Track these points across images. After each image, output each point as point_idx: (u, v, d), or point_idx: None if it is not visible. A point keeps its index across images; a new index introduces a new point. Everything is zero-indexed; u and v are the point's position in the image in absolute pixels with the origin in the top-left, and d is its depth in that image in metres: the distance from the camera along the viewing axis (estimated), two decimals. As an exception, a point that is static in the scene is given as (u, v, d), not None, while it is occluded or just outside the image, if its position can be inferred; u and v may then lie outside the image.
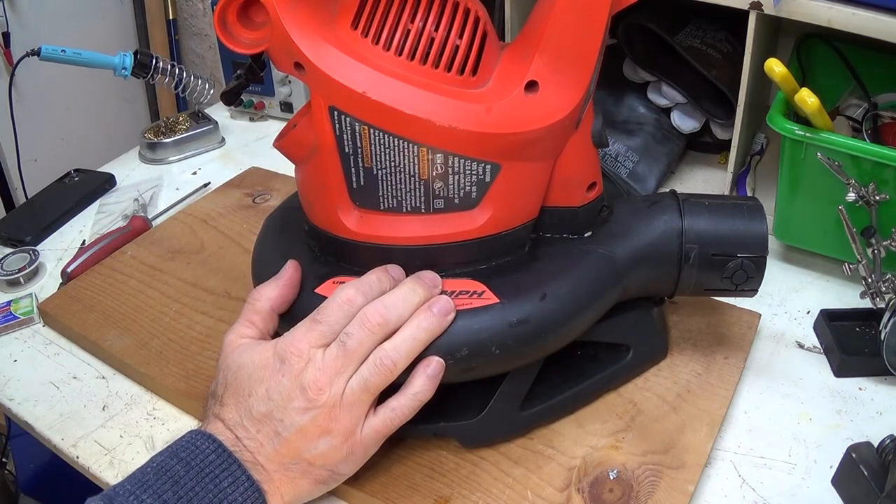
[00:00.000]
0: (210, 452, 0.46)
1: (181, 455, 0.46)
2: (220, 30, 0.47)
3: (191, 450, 0.46)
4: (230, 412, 0.48)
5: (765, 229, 0.55)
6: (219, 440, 0.47)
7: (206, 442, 0.47)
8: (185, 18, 1.56)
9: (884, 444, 0.52)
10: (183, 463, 0.45)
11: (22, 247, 0.81)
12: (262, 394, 0.48)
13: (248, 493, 0.46)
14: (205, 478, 0.45)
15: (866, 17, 0.64)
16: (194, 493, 0.44)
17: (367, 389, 0.48)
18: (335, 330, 0.48)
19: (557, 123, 0.50)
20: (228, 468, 0.46)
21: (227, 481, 0.45)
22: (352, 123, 0.48)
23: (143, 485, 0.44)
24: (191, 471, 0.45)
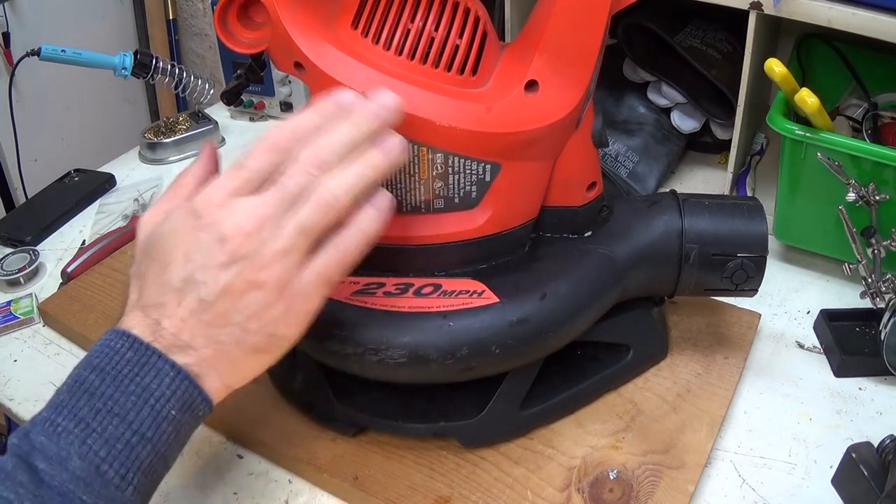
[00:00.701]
0: (126, 350, 0.40)
1: (94, 363, 0.41)
2: (220, 30, 0.47)
3: (104, 353, 0.41)
4: (149, 292, 0.42)
5: (765, 229, 0.55)
6: (132, 334, 0.41)
7: (119, 340, 0.41)
8: (185, 18, 1.56)
9: (884, 444, 0.52)
10: (97, 371, 0.40)
11: (22, 247, 0.81)
12: (179, 259, 0.41)
13: (175, 382, 0.40)
14: (123, 380, 0.40)
15: (866, 17, 0.64)
16: (114, 402, 0.39)
17: (302, 231, 0.41)
18: (262, 177, 0.42)
19: (557, 123, 0.50)
20: (148, 361, 0.40)
21: (150, 377, 0.40)
22: (352, 123, 0.48)
23: (58, 407, 0.39)
24: (106, 377, 0.40)
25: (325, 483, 0.54)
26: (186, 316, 0.41)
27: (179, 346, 0.41)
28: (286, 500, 0.54)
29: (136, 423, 0.39)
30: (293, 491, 0.55)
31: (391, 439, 0.55)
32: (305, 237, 0.42)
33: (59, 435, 0.38)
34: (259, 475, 0.56)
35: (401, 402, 0.55)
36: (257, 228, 0.41)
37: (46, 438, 0.38)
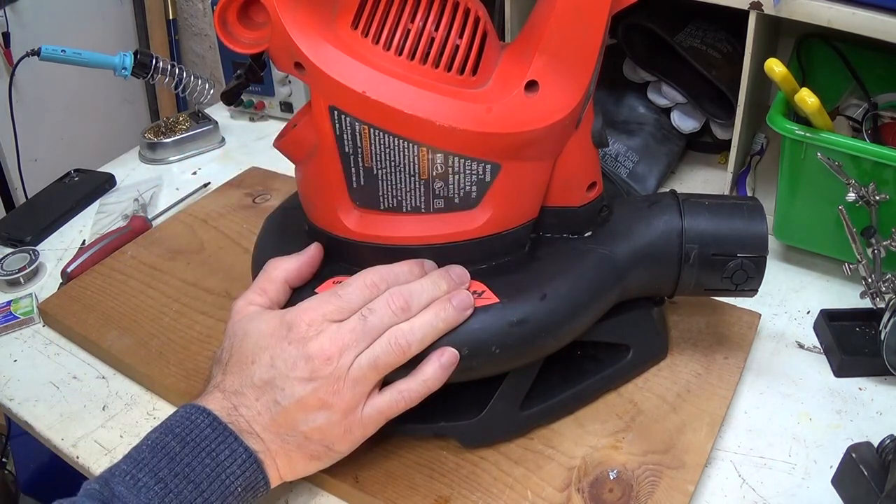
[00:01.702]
0: (205, 426, 0.45)
1: (176, 430, 0.45)
2: (220, 30, 0.47)
3: (185, 424, 0.45)
4: (232, 380, 0.47)
5: (765, 229, 0.55)
6: (213, 413, 0.46)
7: (200, 416, 0.46)
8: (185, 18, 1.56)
9: (884, 444, 0.52)
10: (178, 439, 0.44)
11: (22, 247, 0.81)
12: (265, 361, 0.47)
13: (246, 464, 0.45)
14: (201, 451, 0.44)
15: (866, 17, 0.64)
16: (191, 469, 0.44)
17: (375, 367, 0.47)
18: (352, 308, 0.47)
19: (557, 123, 0.50)
20: (225, 440, 0.45)
21: (225, 454, 0.45)
22: (352, 123, 0.48)
23: (139, 463, 0.44)
24: (186, 446, 0.44)
25: (325, 483, 0.54)
26: (262, 411, 0.46)
27: (250, 434, 0.46)
28: (286, 500, 0.54)
29: (208, 492, 0.44)
30: (293, 491, 0.54)
31: (391, 439, 0.55)
32: (376, 372, 0.47)
33: (140, 490, 0.42)
34: (259, 475, 0.56)
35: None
36: (338, 354, 0.46)
37: (127, 490, 0.42)
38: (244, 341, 0.48)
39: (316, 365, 0.46)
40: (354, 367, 0.46)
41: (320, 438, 0.47)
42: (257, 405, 0.46)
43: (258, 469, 0.46)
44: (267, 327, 0.48)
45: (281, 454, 0.47)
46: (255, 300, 0.51)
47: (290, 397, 0.46)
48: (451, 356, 0.48)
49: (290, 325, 0.47)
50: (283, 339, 0.47)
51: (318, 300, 0.48)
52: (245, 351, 0.48)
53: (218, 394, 0.47)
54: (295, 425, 0.46)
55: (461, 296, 0.49)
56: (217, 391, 0.47)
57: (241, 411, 0.46)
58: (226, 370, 0.48)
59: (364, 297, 0.48)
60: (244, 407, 0.46)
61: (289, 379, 0.46)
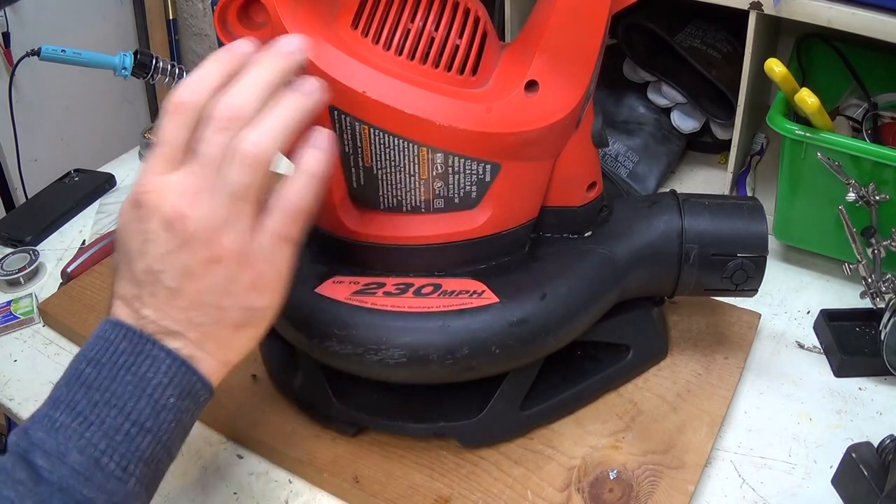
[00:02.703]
0: (120, 340, 0.40)
1: (89, 355, 0.40)
2: (220, 30, 0.47)
3: (99, 345, 0.40)
4: (124, 285, 0.41)
5: (765, 229, 0.55)
6: (125, 323, 0.40)
7: (112, 330, 0.40)
8: (185, 18, 1.56)
9: (884, 444, 0.52)
10: (93, 363, 0.40)
11: (22, 247, 0.81)
12: (136, 252, 0.40)
13: (172, 368, 0.40)
14: (119, 370, 0.39)
15: (866, 17, 0.64)
16: (111, 393, 0.39)
17: (236, 196, 0.39)
18: (178, 145, 0.40)
19: (557, 123, 0.50)
20: (143, 349, 0.40)
21: (146, 365, 0.39)
22: (352, 123, 0.48)
23: (56, 402, 0.39)
24: (102, 368, 0.39)
25: (325, 483, 0.54)
26: (161, 304, 0.40)
27: (166, 333, 0.40)
28: (286, 500, 0.54)
29: (135, 413, 0.39)
30: (293, 491, 0.55)
31: (391, 439, 0.55)
32: (244, 201, 0.40)
33: (58, 430, 0.38)
34: (259, 475, 0.56)
35: (401, 402, 0.55)
36: (193, 204, 0.39)
37: (45, 434, 0.38)
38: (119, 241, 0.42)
39: (178, 227, 0.39)
40: (218, 206, 0.39)
41: (232, 301, 0.41)
42: (153, 300, 0.40)
43: (188, 370, 0.40)
44: (124, 217, 0.41)
45: (207, 339, 0.41)
46: None
47: (176, 274, 0.40)
48: (324, 135, 0.42)
49: (136, 202, 0.40)
50: (139, 221, 0.40)
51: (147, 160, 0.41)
52: (122, 250, 0.42)
53: (120, 303, 0.41)
54: (199, 300, 0.40)
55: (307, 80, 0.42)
56: (119, 301, 0.41)
57: (144, 313, 0.40)
58: (119, 276, 0.42)
59: (184, 124, 0.40)
60: (145, 308, 0.40)
61: (164, 257, 0.40)
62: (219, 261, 0.40)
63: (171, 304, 0.40)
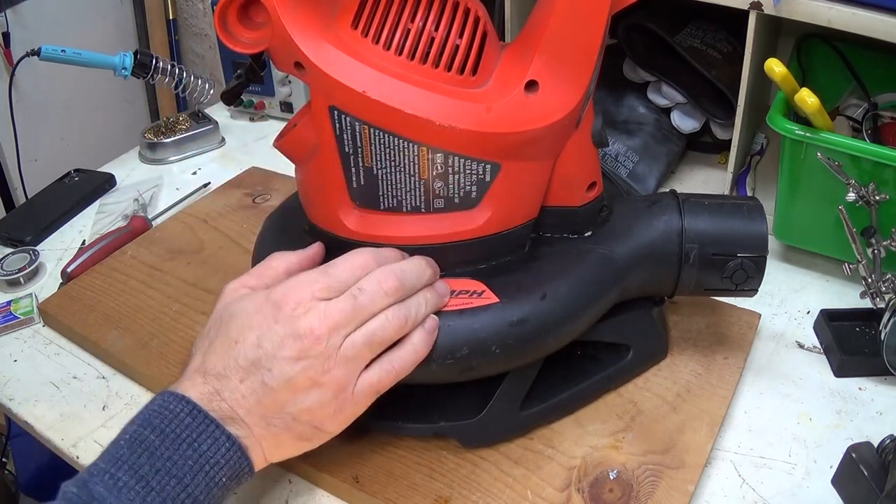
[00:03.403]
0: (185, 416, 0.43)
1: (154, 423, 0.43)
2: (220, 30, 0.47)
3: (164, 415, 0.43)
4: (214, 361, 0.45)
5: (765, 229, 0.55)
6: (192, 400, 0.43)
7: (178, 404, 0.43)
8: (185, 18, 1.56)
9: (884, 444, 0.52)
10: (157, 431, 0.42)
11: (22, 247, 0.81)
12: (251, 341, 0.45)
13: (230, 452, 0.43)
14: (182, 444, 0.42)
15: (866, 17, 0.64)
16: (172, 463, 0.42)
17: (370, 344, 0.46)
18: (341, 287, 0.46)
19: (557, 123, 0.50)
20: (206, 429, 0.43)
21: (207, 444, 0.43)
22: (352, 123, 0.48)
23: (118, 461, 0.41)
24: (166, 438, 0.42)
25: (325, 483, 0.54)
26: (247, 394, 0.44)
27: (233, 420, 0.44)
28: (286, 500, 0.54)
29: (192, 486, 0.42)
30: (293, 491, 0.55)
31: (391, 439, 0.55)
32: (371, 350, 0.46)
33: (120, 489, 0.40)
34: (259, 475, 0.56)
35: (401, 402, 0.55)
36: (328, 333, 0.44)
37: (107, 491, 0.40)
38: (230, 322, 0.46)
39: (305, 344, 0.44)
40: (347, 345, 0.45)
41: (310, 419, 0.45)
42: (242, 388, 0.44)
43: (242, 456, 0.44)
44: (253, 306, 0.46)
45: (267, 437, 0.45)
46: (249, 283, 0.49)
47: (279, 378, 0.44)
48: (433, 322, 0.48)
49: (277, 303, 0.45)
50: (269, 318, 0.45)
51: (306, 278, 0.46)
52: (230, 331, 0.45)
53: (198, 378, 0.45)
54: (283, 407, 0.45)
55: (441, 284, 0.50)
56: (197, 375, 0.45)
57: (223, 395, 0.44)
58: (208, 351, 0.46)
59: (351, 276, 0.46)
60: (227, 390, 0.44)
61: (276, 359, 0.44)
62: (321, 386, 0.45)
63: (257, 399, 0.44)
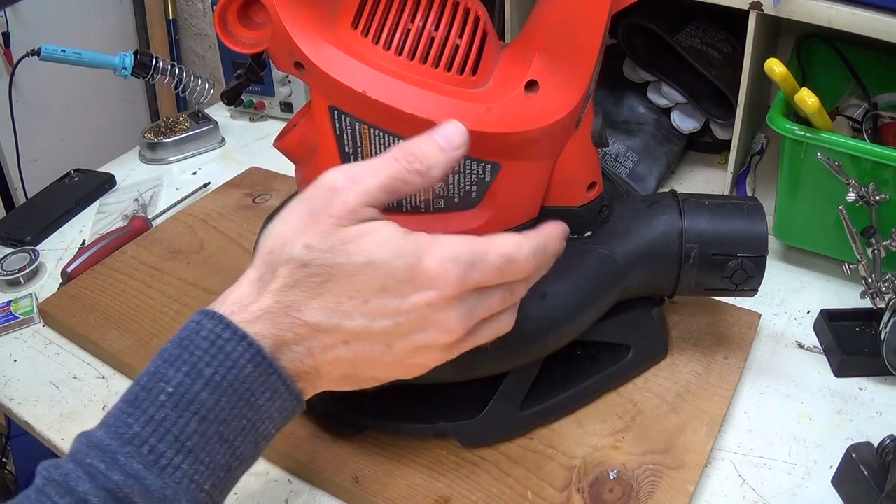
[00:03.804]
0: (245, 362, 0.35)
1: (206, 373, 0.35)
2: (220, 30, 0.47)
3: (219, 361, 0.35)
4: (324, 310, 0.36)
5: (765, 229, 0.55)
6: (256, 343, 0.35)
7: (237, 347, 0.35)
8: (185, 18, 1.56)
9: (884, 444, 0.52)
10: (210, 387, 0.34)
11: (22, 247, 0.81)
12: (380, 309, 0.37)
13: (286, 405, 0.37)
14: (239, 401, 0.35)
15: (866, 17, 0.64)
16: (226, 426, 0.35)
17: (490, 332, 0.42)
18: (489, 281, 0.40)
19: (557, 123, 0.50)
20: (268, 381, 0.36)
21: (264, 397, 0.36)
22: (352, 123, 0.48)
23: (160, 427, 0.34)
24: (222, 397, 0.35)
25: (325, 483, 0.54)
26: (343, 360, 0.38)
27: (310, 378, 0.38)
28: (286, 500, 0.54)
29: (242, 448, 0.36)
30: (293, 491, 0.55)
31: (391, 439, 0.55)
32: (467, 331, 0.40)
33: (164, 469, 0.33)
34: (259, 475, 0.56)
35: (401, 402, 0.55)
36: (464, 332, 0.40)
37: (146, 470, 0.33)
38: (364, 271, 0.36)
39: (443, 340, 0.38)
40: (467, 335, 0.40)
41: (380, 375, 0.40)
42: (342, 351, 0.37)
43: (298, 405, 0.38)
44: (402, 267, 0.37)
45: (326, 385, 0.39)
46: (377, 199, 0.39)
47: (397, 356, 0.38)
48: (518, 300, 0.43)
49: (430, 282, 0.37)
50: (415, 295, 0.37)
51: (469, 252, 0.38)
52: (359, 283, 0.36)
53: (280, 318, 0.36)
54: (375, 376, 0.39)
55: None
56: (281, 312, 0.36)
57: (314, 352, 0.37)
58: (311, 289, 0.36)
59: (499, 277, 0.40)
60: (321, 349, 0.37)
61: (404, 338, 0.38)
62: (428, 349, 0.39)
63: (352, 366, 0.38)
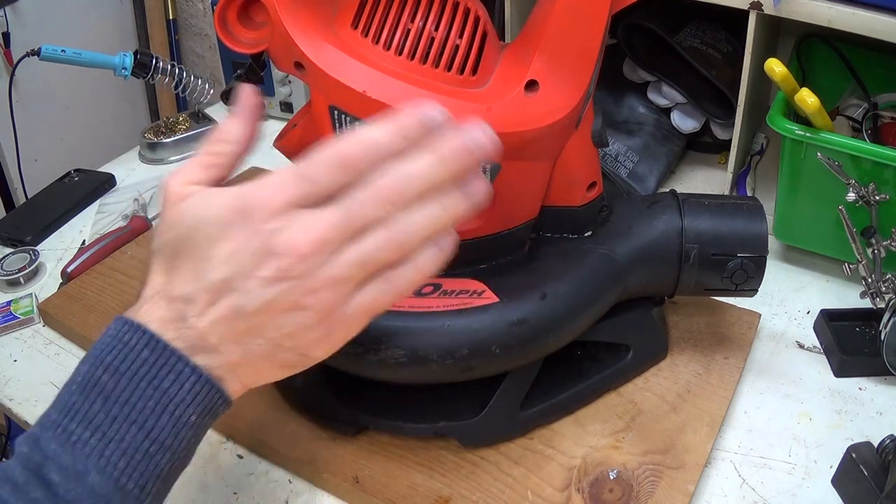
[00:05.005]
0: (142, 348, 0.37)
1: (106, 360, 0.37)
2: (220, 30, 0.47)
3: (118, 350, 0.38)
4: (180, 281, 0.38)
5: (765, 229, 0.55)
6: (148, 330, 0.38)
7: (133, 336, 0.38)
8: (185, 18, 1.56)
9: (884, 444, 0.52)
10: (110, 371, 0.37)
11: (22, 247, 0.81)
12: (221, 256, 0.37)
13: (197, 386, 0.38)
14: (140, 382, 0.37)
15: (866, 17, 0.64)
16: (131, 406, 0.36)
17: (363, 265, 0.38)
18: (323, 192, 0.37)
19: (557, 123, 0.50)
20: (167, 363, 0.37)
21: (168, 380, 0.37)
22: (352, 123, 0.48)
23: (70, 410, 0.37)
24: (122, 378, 0.37)
25: (325, 483, 0.54)
26: (218, 319, 0.38)
27: (204, 348, 0.38)
28: (286, 500, 0.54)
29: (156, 431, 0.37)
30: (293, 491, 0.55)
31: (391, 439, 0.55)
32: (364, 270, 0.38)
33: (74, 445, 0.36)
34: (259, 475, 0.56)
35: (401, 402, 0.55)
36: (313, 252, 0.37)
37: (60, 447, 0.36)
38: (194, 233, 0.38)
39: (287, 263, 0.37)
40: (337, 264, 0.37)
41: (293, 345, 0.39)
42: (212, 311, 0.38)
43: (213, 389, 0.38)
44: (220, 213, 0.38)
45: (244, 365, 0.39)
46: (194, 177, 0.40)
47: (256, 300, 0.37)
48: (451, 238, 0.39)
49: (245, 211, 0.37)
50: (242, 229, 0.37)
51: (281, 180, 0.37)
52: (196, 245, 0.38)
53: (161, 302, 0.38)
54: (262, 331, 0.38)
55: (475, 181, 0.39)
56: (160, 299, 0.39)
57: (190, 321, 0.38)
58: (171, 270, 0.39)
59: (337, 177, 0.37)
60: (195, 316, 0.38)
61: (253, 278, 0.37)
62: (305, 309, 0.38)
63: (231, 324, 0.38)
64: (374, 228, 0.37)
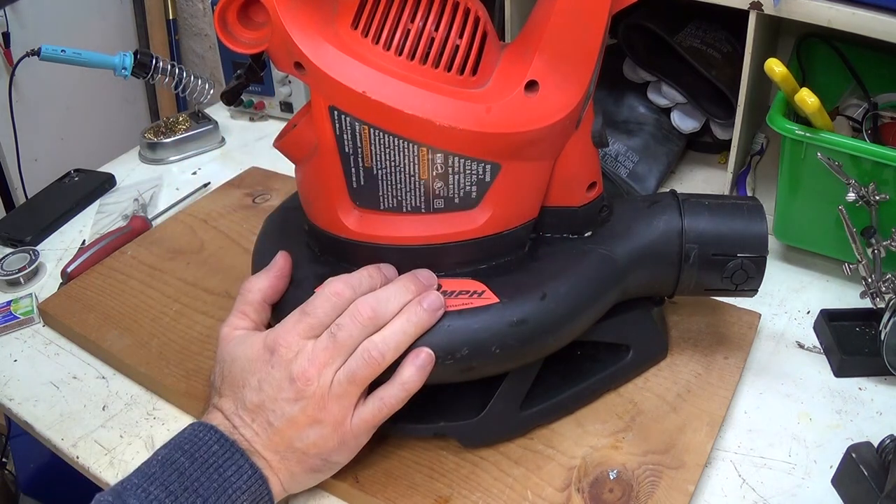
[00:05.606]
0: (213, 443, 0.47)
1: (185, 447, 0.47)
2: (220, 30, 0.47)
3: (194, 441, 0.47)
4: (227, 402, 0.50)
5: (765, 229, 0.55)
6: (220, 430, 0.48)
7: (208, 433, 0.48)
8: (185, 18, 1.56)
9: (884, 444, 0.52)
10: (187, 455, 0.47)
11: (22, 247, 0.81)
12: (254, 384, 0.49)
13: (251, 479, 0.47)
14: (209, 468, 0.46)
15: (866, 17, 0.64)
16: (199, 483, 0.46)
17: (354, 381, 0.48)
18: (323, 322, 0.49)
19: (557, 123, 0.50)
20: (231, 457, 0.47)
21: (231, 469, 0.47)
22: (352, 123, 0.48)
23: (150, 478, 0.45)
24: (195, 461, 0.46)
25: (325, 483, 0.54)
26: (259, 431, 0.49)
27: (252, 452, 0.48)
28: (287, 499, 0.54)
29: None
30: (293, 491, 0.55)
31: (391, 439, 0.55)
32: (356, 386, 0.48)
33: (151, 502, 0.44)
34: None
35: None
36: (317, 373, 0.48)
37: (138, 502, 0.44)
38: (232, 366, 0.50)
39: (300, 386, 0.48)
40: (335, 383, 0.48)
41: (317, 452, 0.49)
42: (253, 426, 0.49)
43: (263, 484, 0.48)
44: (251, 352, 0.50)
45: (282, 469, 0.49)
46: (239, 324, 0.53)
47: (282, 418, 0.48)
48: (427, 357, 0.49)
49: (271, 348, 0.49)
50: (266, 363, 0.49)
51: (293, 320, 0.50)
52: (234, 376, 0.50)
53: (218, 413, 0.50)
54: (291, 443, 0.49)
55: (430, 297, 0.49)
56: (216, 411, 0.50)
57: (241, 432, 0.49)
58: (220, 394, 0.51)
59: (330, 308, 0.49)
60: (243, 427, 0.49)
61: (277, 401, 0.48)
62: (320, 422, 0.48)
63: (268, 436, 0.49)
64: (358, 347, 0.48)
